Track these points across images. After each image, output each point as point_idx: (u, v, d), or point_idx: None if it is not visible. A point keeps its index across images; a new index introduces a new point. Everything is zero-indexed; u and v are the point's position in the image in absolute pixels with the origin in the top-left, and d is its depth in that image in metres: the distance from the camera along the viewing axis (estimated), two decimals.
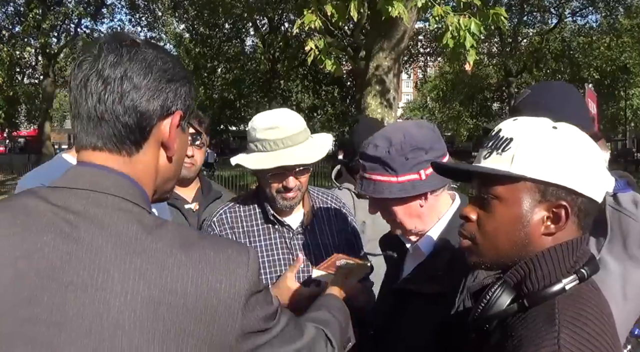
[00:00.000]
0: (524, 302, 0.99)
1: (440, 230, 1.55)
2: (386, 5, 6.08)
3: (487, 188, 1.06)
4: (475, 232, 1.08)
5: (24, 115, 32.50)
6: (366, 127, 2.91)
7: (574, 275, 0.99)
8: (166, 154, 0.96)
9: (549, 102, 1.61)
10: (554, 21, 29.13)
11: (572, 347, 0.87)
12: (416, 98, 51.91)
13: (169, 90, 0.93)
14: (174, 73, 0.94)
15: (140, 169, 0.93)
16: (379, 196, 1.50)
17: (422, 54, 28.49)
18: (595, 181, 1.02)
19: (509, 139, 1.04)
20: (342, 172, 2.95)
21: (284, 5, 21.76)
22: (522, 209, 1.02)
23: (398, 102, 9.40)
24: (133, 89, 0.90)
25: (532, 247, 1.02)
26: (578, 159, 1.01)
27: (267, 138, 1.77)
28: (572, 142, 1.03)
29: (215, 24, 27.03)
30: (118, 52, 0.90)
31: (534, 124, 1.05)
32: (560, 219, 1.00)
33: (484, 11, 6.53)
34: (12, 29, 22.20)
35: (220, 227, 1.90)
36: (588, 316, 0.93)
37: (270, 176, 1.80)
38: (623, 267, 1.47)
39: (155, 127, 0.93)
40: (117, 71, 0.89)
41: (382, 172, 1.48)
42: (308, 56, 6.92)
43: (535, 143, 1.02)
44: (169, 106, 0.93)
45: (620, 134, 36.68)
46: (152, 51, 0.93)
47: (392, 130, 1.54)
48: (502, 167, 1.03)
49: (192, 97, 0.98)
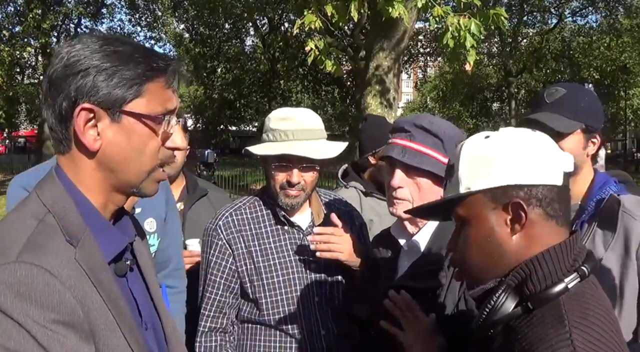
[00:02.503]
0: (528, 304, 0.98)
1: (435, 225, 1.57)
2: (386, 6, 6.08)
3: (453, 216, 1.10)
4: (461, 260, 1.10)
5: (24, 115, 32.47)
6: (375, 125, 2.93)
7: (575, 273, 0.99)
8: (88, 148, 0.96)
9: (590, 106, 1.67)
10: (554, 21, 29.15)
11: (586, 347, 0.88)
12: (416, 98, 51.86)
13: (71, 85, 0.94)
14: (75, 66, 0.94)
15: (79, 166, 0.97)
16: (425, 168, 1.50)
17: (422, 54, 28.50)
18: (541, 166, 1.02)
19: (452, 165, 1.10)
20: (348, 171, 2.95)
21: (284, 5, 21.75)
22: (483, 223, 1.04)
23: (398, 102, 9.40)
24: (48, 89, 0.95)
25: (511, 254, 1.02)
26: (512, 154, 1.03)
27: (279, 128, 1.78)
28: (504, 143, 1.04)
29: (215, 24, 27.04)
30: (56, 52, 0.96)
31: (467, 142, 1.09)
32: (521, 216, 1.01)
33: (484, 11, 6.53)
34: (12, 29, 22.17)
35: (227, 231, 1.87)
36: (595, 315, 0.93)
37: (275, 166, 1.80)
38: (623, 266, 1.50)
39: (72, 124, 0.95)
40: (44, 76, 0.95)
41: (433, 147, 1.51)
42: (308, 56, 6.92)
43: (469, 158, 1.06)
44: (72, 102, 0.94)
45: (620, 134, 36.65)
46: (67, 49, 0.95)
47: (439, 119, 1.60)
48: (453, 193, 1.08)
49: (110, 85, 0.95)
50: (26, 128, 39.16)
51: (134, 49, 0.98)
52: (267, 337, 1.86)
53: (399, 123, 1.60)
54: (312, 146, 1.77)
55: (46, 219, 0.93)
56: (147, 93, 0.98)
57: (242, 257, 1.86)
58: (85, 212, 0.96)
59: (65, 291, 0.86)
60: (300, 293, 1.84)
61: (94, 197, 0.99)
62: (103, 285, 0.93)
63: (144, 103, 0.98)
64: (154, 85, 0.99)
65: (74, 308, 0.86)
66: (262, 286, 1.83)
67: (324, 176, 11.61)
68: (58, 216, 0.93)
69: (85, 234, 0.94)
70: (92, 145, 0.95)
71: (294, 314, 1.83)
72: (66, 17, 23.17)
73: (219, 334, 1.87)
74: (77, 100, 0.94)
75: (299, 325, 1.84)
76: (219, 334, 1.87)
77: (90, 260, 0.93)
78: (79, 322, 0.87)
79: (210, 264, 1.87)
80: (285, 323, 1.83)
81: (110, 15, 26.19)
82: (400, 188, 1.54)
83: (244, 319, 1.90)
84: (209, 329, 1.86)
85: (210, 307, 1.87)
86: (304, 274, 1.87)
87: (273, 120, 1.81)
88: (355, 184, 2.82)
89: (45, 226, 0.92)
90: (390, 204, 1.59)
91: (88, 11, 23.21)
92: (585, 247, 1.06)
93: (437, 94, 37.85)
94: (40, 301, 0.83)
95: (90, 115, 0.95)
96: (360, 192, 2.78)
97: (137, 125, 0.98)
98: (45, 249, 0.89)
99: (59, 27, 23.66)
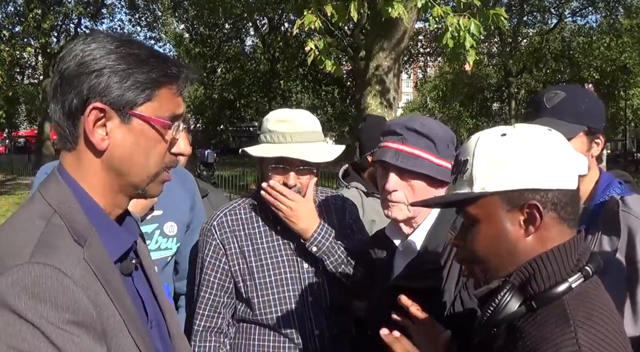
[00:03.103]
0: (531, 303, 0.98)
1: (430, 225, 1.57)
2: (386, 6, 6.09)
3: (462, 213, 1.09)
4: (469, 257, 1.09)
5: (24, 115, 32.48)
6: (374, 125, 2.93)
7: (579, 273, 0.99)
8: (96, 147, 0.97)
9: (591, 107, 1.66)
10: (554, 21, 29.16)
11: (591, 346, 0.88)
12: (416, 98, 51.88)
13: (84, 83, 0.95)
14: (90, 65, 0.95)
15: (84, 165, 0.98)
16: (418, 170, 1.52)
17: (422, 54, 28.52)
18: (558, 171, 1.01)
19: (465, 160, 1.07)
20: (349, 172, 2.95)
21: (284, 5, 21.76)
22: (496, 223, 1.03)
23: (398, 102, 9.40)
24: (59, 84, 0.96)
25: (523, 254, 1.02)
26: (531, 157, 1.01)
27: (277, 130, 1.78)
28: (522, 144, 1.03)
29: (215, 24, 27.06)
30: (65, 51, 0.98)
31: (482, 138, 1.07)
32: (535, 219, 1.00)
33: (483, 11, 6.53)
34: (12, 29, 22.16)
35: (221, 232, 1.88)
36: (600, 315, 0.93)
37: (272, 168, 1.79)
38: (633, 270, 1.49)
39: (81, 122, 0.96)
40: (55, 71, 0.96)
41: (426, 149, 1.52)
42: (308, 56, 6.92)
43: (486, 157, 1.04)
44: (83, 100, 0.95)
45: (620, 134, 36.66)
46: (81, 47, 0.96)
47: (429, 119, 1.62)
48: (465, 190, 1.05)
49: (124, 86, 0.96)
50: (26, 128, 39.21)
51: (149, 54, 0.99)
52: (262, 337, 1.86)
53: (390, 126, 1.61)
54: (310, 149, 1.76)
55: (53, 219, 0.93)
56: (158, 98, 0.99)
57: (235, 257, 1.87)
58: (90, 211, 0.97)
59: (78, 291, 0.86)
60: (293, 293, 1.85)
61: (99, 197, 0.99)
62: (111, 285, 0.93)
63: (155, 107, 0.99)
64: (166, 91, 1.00)
65: (87, 308, 0.87)
66: (254, 285, 1.84)
67: (325, 176, 11.60)
68: (64, 216, 0.93)
69: (92, 233, 0.94)
70: (100, 144, 0.96)
71: (287, 314, 1.84)
72: (66, 17, 23.20)
73: (214, 334, 1.88)
74: (89, 99, 0.95)
75: (292, 325, 1.84)
76: (214, 334, 1.88)
77: (97, 259, 0.93)
78: (92, 322, 0.87)
79: (204, 264, 1.88)
80: (278, 323, 1.84)
81: (110, 15, 26.23)
82: (395, 191, 1.55)
83: (239, 318, 1.91)
84: (204, 329, 1.87)
85: (205, 306, 1.88)
86: (297, 274, 1.86)
87: (271, 122, 1.80)
88: (356, 184, 2.82)
89: (53, 226, 0.92)
90: (385, 207, 1.59)
91: (88, 11, 23.23)
92: (589, 246, 1.06)
93: (437, 94, 37.85)
94: (54, 301, 0.84)
95: (101, 115, 0.95)
96: (362, 193, 2.78)
97: (146, 128, 0.99)
98: (56, 249, 0.89)
99: (59, 27, 23.68)
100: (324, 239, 1.81)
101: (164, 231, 2.00)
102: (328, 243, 1.81)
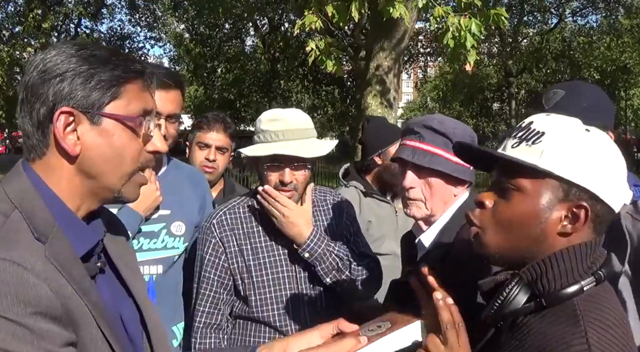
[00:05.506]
0: (541, 301, 0.98)
1: (442, 225, 1.59)
2: (387, 7, 6.09)
3: (510, 178, 1.04)
4: (488, 221, 1.06)
5: None
6: (378, 125, 2.94)
7: (591, 276, 0.99)
8: (68, 153, 0.95)
9: (595, 105, 1.60)
10: (554, 21, 29.15)
11: (601, 345, 0.88)
12: (416, 98, 51.88)
13: (49, 90, 0.94)
14: (52, 71, 0.94)
15: (55, 173, 0.96)
16: (435, 167, 1.53)
17: (422, 54, 28.50)
18: (617, 190, 1.02)
19: (541, 132, 1.03)
20: (349, 171, 2.97)
21: (284, 5, 21.77)
22: (542, 205, 1.01)
23: (398, 102, 9.40)
24: (25, 96, 0.96)
25: (545, 245, 1.01)
26: (605, 165, 1.01)
27: (270, 129, 1.80)
28: (602, 148, 1.02)
29: (215, 24, 27.01)
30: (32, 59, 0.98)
31: (567, 122, 1.04)
32: (579, 220, 1.00)
33: (484, 11, 6.53)
34: (12, 29, 22.19)
35: (220, 229, 1.90)
36: (610, 318, 0.94)
37: (267, 167, 1.82)
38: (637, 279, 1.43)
39: (50, 131, 0.95)
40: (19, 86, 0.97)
41: (443, 147, 1.53)
42: (308, 56, 6.93)
43: (566, 142, 1.01)
44: (50, 107, 0.94)
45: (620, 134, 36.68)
46: (41, 57, 0.96)
47: (448, 118, 1.63)
48: (530, 159, 1.01)
49: (88, 87, 0.95)
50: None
51: (111, 53, 0.99)
52: (258, 334, 1.89)
53: (409, 125, 1.63)
54: (303, 145, 1.79)
55: (13, 215, 0.92)
56: (125, 95, 0.98)
57: (233, 255, 1.89)
58: (53, 207, 0.95)
59: (40, 283, 0.85)
60: (290, 292, 1.88)
61: (71, 201, 0.98)
62: (76, 279, 0.92)
63: (124, 105, 0.98)
64: (132, 86, 0.99)
65: (51, 299, 0.86)
66: (252, 283, 1.87)
67: (325, 176, 11.60)
68: (26, 213, 0.92)
69: (54, 230, 0.93)
70: (73, 149, 0.95)
71: (284, 312, 1.86)
72: (66, 17, 23.23)
73: (214, 330, 1.90)
74: (56, 105, 0.94)
75: (289, 323, 1.87)
76: (214, 330, 1.90)
77: (61, 256, 0.92)
78: (57, 312, 0.86)
79: (204, 261, 1.91)
80: (275, 321, 1.86)
81: (110, 16, 26.19)
82: (412, 188, 1.57)
83: (236, 315, 1.93)
84: (204, 325, 1.89)
85: (205, 303, 1.90)
86: (294, 273, 1.89)
87: (263, 122, 1.84)
88: (355, 184, 2.83)
89: (12, 222, 0.91)
90: (405, 205, 1.62)
91: (88, 11, 23.26)
92: (604, 252, 1.05)
93: (437, 94, 37.90)
94: (15, 295, 0.83)
95: (70, 119, 0.94)
96: (360, 192, 2.80)
97: (117, 127, 0.98)
98: (16, 243, 0.88)
99: (59, 27, 23.70)
100: (316, 246, 1.83)
101: (171, 230, 2.02)
102: (320, 250, 1.83)
